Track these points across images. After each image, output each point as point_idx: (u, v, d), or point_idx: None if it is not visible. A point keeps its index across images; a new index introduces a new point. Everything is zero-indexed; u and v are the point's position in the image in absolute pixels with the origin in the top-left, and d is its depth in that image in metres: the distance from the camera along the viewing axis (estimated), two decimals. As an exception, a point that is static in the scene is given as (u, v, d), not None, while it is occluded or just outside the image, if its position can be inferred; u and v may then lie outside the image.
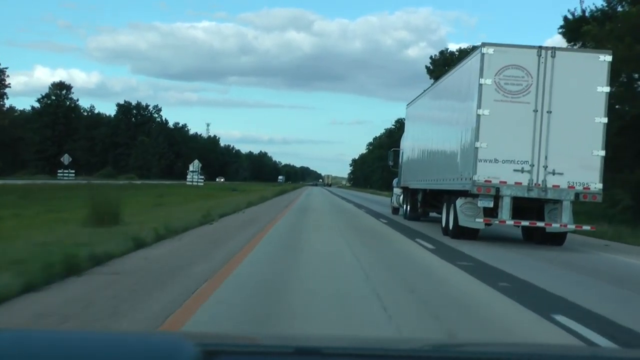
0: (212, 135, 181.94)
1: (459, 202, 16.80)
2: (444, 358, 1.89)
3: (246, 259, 10.85)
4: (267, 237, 15.27)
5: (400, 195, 28.56)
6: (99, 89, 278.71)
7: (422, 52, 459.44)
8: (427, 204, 23.86)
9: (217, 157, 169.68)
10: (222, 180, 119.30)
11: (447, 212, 18.26)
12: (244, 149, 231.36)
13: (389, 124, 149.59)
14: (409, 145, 27.15)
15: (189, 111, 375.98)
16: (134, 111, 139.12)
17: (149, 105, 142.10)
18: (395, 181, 31.09)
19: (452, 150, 18.36)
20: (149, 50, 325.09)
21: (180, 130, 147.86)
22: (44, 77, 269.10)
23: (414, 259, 12.34)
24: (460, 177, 17.09)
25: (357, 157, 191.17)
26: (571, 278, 10.76)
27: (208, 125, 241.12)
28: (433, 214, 25.17)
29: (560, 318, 7.03)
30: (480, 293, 8.58)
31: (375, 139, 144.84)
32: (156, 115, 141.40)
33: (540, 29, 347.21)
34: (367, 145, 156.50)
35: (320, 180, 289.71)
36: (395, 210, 30.32)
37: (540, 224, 16.07)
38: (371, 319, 6.56)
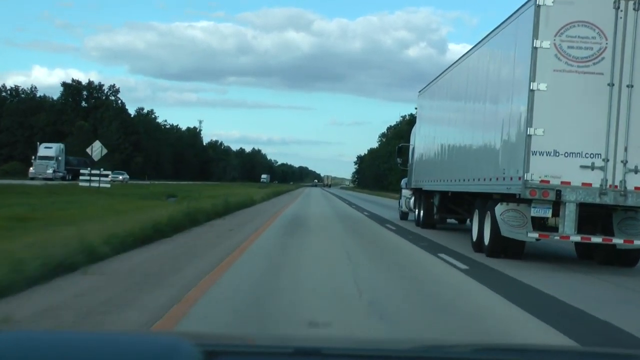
0: (192, 127, 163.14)
1: (500, 209, 13.33)
2: (443, 359, 1.95)
3: None
4: None
5: (410, 198, 25.42)
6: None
7: (422, 52, 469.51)
8: (445, 209, 20.70)
9: (197, 154, 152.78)
10: (121, 178, 69.71)
11: (479, 222, 14.78)
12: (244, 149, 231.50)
13: (388, 124, 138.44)
14: (422, 140, 23.59)
15: (188, 112, 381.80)
16: (85, 92, 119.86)
17: (103, 85, 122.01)
18: (403, 181, 28.09)
19: (489, 142, 14.75)
20: (147, 50, 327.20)
21: (144, 118, 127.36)
22: (42, 77, 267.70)
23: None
24: (502, 177, 13.58)
25: (363, 154, 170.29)
26: None
27: (200, 122, 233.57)
28: (450, 221, 22.31)
29: None
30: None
31: (389, 128, 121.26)
32: (113, 98, 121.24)
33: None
34: (379, 137, 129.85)
35: (316, 180, 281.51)
36: (404, 215, 27.40)
37: (617, 241, 12.65)
38: None
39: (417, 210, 23.56)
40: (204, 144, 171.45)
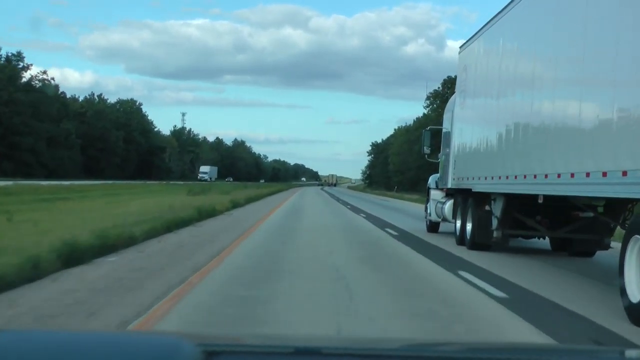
0: (130, 99, 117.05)
1: None
2: (443, 358, 1.94)
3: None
4: None
5: (444, 204, 18.27)
6: (93, 89, 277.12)
7: (420, 49, 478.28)
8: (512, 221, 13.68)
9: (130, 140, 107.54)
10: None
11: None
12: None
13: (387, 123, 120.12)
14: (470, 117, 16.69)
15: (185, 111, 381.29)
16: None
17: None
18: (432, 179, 20.55)
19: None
20: (143, 49, 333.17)
21: (33, 87, 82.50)
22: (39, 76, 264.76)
23: None
24: None
25: (382, 140, 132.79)
26: None
27: (184, 114, 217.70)
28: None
29: None
30: None
31: (445, 82, 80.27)
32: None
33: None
34: (427, 98, 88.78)
35: (304, 179, 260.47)
36: (434, 227, 20.03)
37: None
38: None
39: (458, 222, 16.30)
40: (153, 126, 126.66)
